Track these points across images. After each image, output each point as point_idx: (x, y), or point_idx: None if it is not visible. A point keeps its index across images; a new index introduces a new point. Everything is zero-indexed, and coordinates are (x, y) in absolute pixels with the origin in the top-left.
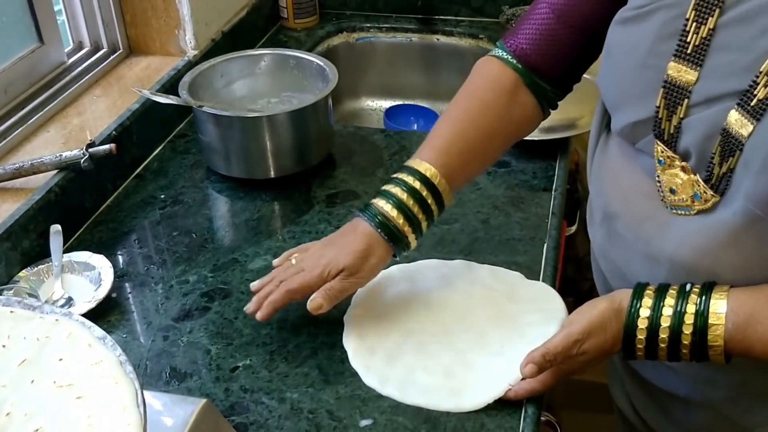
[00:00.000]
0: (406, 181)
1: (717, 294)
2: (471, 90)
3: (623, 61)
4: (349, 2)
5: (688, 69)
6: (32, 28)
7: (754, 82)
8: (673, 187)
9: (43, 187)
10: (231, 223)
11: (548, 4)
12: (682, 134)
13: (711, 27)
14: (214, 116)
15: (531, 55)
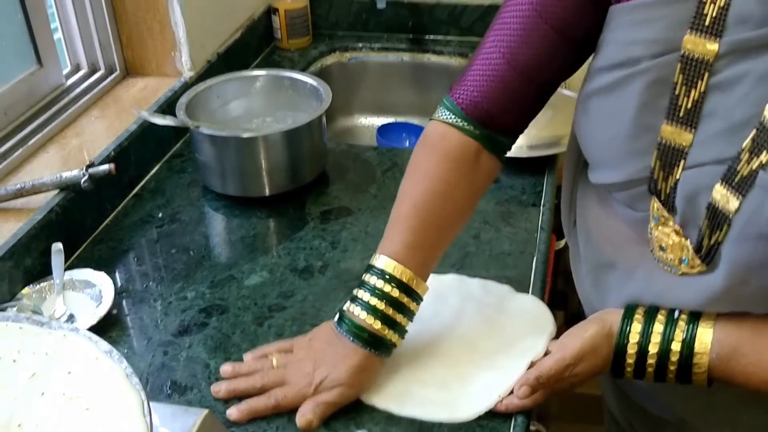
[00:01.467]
0: (378, 288)
1: (704, 323)
2: (433, 172)
3: (607, 128)
4: (341, 23)
5: (681, 131)
6: (31, 51)
7: (737, 158)
8: (663, 245)
9: (44, 207)
10: (227, 240)
11: (498, 50)
12: (677, 198)
13: (702, 90)
14: (211, 136)
15: (485, 108)
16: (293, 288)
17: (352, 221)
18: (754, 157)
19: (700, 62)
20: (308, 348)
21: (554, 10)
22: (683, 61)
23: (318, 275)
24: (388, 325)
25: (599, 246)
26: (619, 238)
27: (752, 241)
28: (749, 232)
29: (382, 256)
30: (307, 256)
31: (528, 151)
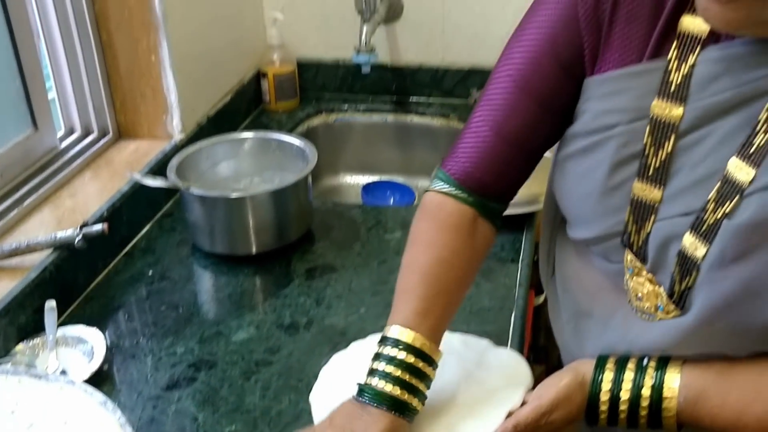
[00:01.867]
0: (393, 356)
1: (671, 369)
2: (435, 239)
3: (582, 187)
4: (328, 85)
5: (652, 188)
6: (27, 115)
7: (704, 209)
8: (639, 294)
9: (38, 266)
10: (215, 297)
11: (488, 123)
12: (649, 249)
13: (669, 151)
14: (200, 197)
15: (478, 178)
16: (279, 344)
17: (337, 278)
18: (719, 207)
19: (667, 125)
20: (332, 426)
21: (535, 84)
22: (652, 125)
23: (303, 331)
24: (408, 390)
25: (577, 296)
26: (595, 288)
27: (717, 284)
28: (714, 275)
29: (394, 326)
30: (292, 313)
31: (507, 209)
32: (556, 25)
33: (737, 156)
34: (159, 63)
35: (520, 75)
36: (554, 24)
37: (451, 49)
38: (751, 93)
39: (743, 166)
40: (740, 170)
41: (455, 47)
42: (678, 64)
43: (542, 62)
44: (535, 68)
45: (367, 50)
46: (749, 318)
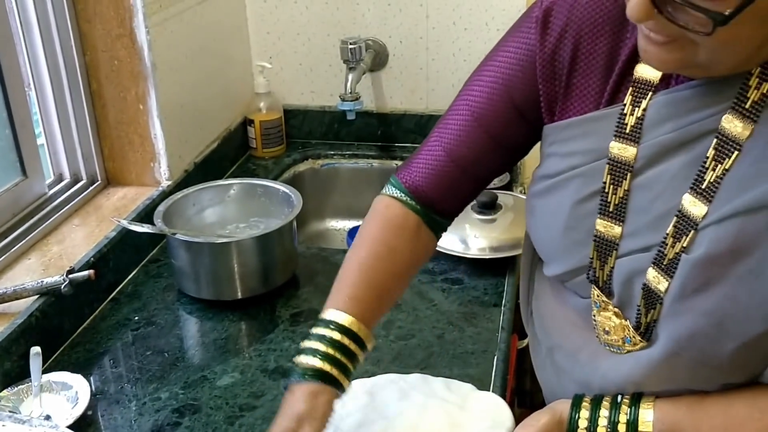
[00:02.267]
0: (326, 335)
1: (644, 404)
2: (378, 235)
3: (549, 224)
4: (314, 132)
5: (613, 225)
6: (17, 163)
7: (663, 244)
8: (606, 328)
9: (24, 312)
10: (200, 342)
11: (443, 146)
12: (614, 284)
13: (626, 188)
14: (186, 243)
15: (426, 192)
16: (264, 388)
17: None
18: (677, 242)
19: (624, 164)
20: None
21: (489, 119)
22: (610, 164)
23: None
24: (334, 364)
25: (551, 332)
26: (566, 323)
27: (681, 316)
28: (677, 308)
29: (328, 310)
30: (277, 358)
31: (490, 253)
32: (514, 68)
33: (690, 192)
34: (147, 111)
35: (477, 107)
36: (512, 67)
37: (435, 96)
38: (698, 132)
39: (696, 201)
40: (694, 205)
41: (439, 94)
42: (632, 109)
43: (497, 101)
44: (490, 104)
45: (353, 98)
46: (713, 348)
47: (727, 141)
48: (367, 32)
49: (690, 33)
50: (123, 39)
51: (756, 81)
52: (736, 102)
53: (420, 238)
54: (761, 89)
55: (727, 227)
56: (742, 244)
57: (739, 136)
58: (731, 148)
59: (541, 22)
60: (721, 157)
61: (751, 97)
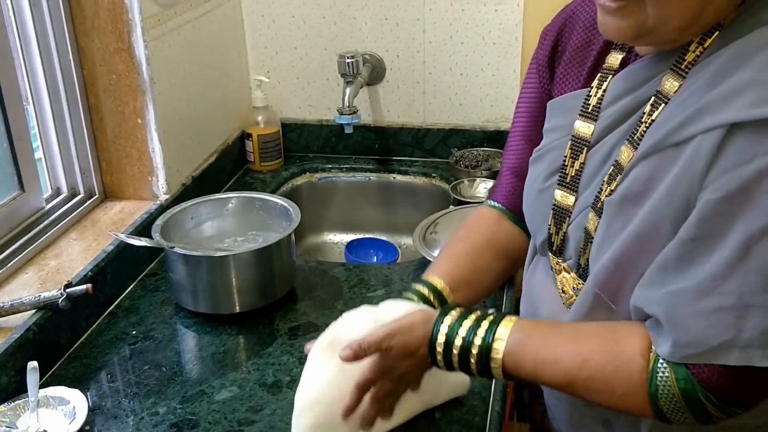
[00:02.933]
0: (421, 291)
1: (505, 322)
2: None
3: (528, 193)
4: (311, 146)
5: (568, 194)
6: (14, 177)
7: (600, 189)
8: (564, 288)
9: (21, 326)
10: (198, 356)
11: (509, 169)
12: (567, 243)
13: (582, 161)
14: (184, 256)
15: (509, 207)
16: (262, 402)
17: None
18: (608, 186)
19: (582, 140)
20: None
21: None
22: (572, 140)
23: (286, 390)
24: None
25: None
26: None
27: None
28: (601, 248)
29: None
30: (275, 372)
31: None
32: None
33: (625, 143)
34: (145, 125)
35: (522, 128)
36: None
37: (432, 109)
38: (644, 96)
39: (627, 150)
40: (624, 153)
41: (436, 108)
42: (596, 91)
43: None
44: (531, 122)
45: (350, 111)
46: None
47: (661, 97)
48: (365, 46)
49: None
50: (121, 53)
51: (695, 46)
52: (675, 63)
53: (501, 225)
54: (695, 51)
55: (641, 168)
56: (650, 182)
57: (669, 90)
58: (661, 102)
59: (540, 40)
60: (653, 110)
61: (687, 59)
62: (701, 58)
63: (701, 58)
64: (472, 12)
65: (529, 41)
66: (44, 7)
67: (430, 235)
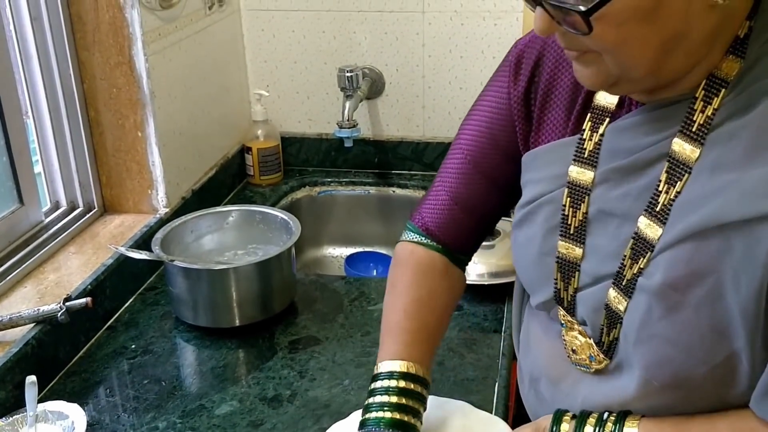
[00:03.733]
0: (391, 386)
1: (630, 422)
2: (413, 281)
3: (525, 255)
4: (311, 160)
5: (573, 246)
6: (13, 191)
7: (622, 265)
8: (574, 347)
9: (20, 340)
10: (198, 370)
11: (447, 191)
12: (578, 305)
13: (584, 211)
14: (184, 269)
15: (438, 234)
16: (263, 417)
17: (320, 350)
18: (634, 264)
19: (581, 187)
20: None
21: (480, 162)
22: (570, 187)
23: (287, 404)
24: (404, 411)
25: (535, 361)
26: (550, 353)
27: (647, 344)
28: (643, 336)
29: (384, 362)
30: (276, 386)
31: (489, 279)
32: (494, 114)
33: (645, 215)
34: (145, 139)
35: (469, 151)
36: (492, 113)
37: (431, 123)
38: (652, 156)
39: (651, 224)
40: (649, 228)
41: (435, 122)
42: (591, 134)
43: (485, 144)
44: (479, 148)
45: (350, 125)
46: (685, 373)
47: (677, 164)
48: (364, 60)
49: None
50: (122, 67)
51: (701, 105)
52: (684, 125)
53: (450, 275)
54: (706, 112)
55: (680, 252)
56: (696, 268)
57: (688, 158)
58: (682, 171)
59: (514, 66)
60: (673, 179)
61: (696, 120)
62: (716, 121)
63: (716, 120)
64: (471, 26)
65: None
66: (45, 21)
67: None
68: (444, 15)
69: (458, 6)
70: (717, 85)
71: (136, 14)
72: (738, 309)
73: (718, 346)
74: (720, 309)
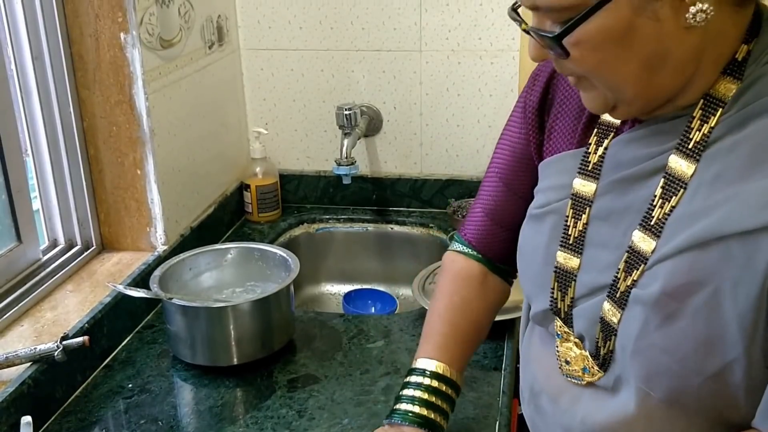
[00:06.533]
0: (422, 383)
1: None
2: (451, 288)
3: (529, 261)
4: (309, 197)
5: (571, 256)
6: (11, 229)
7: (616, 278)
8: (567, 358)
9: (16, 380)
10: (195, 410)
11: (482, 209)
12: (575, 318)
13: (585, 222)
14: (182, 307)
15: (481, 249)
16: None
17: (319, 389)
18: (628, 276)
19: (584, 199)
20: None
21: (510, 178)
22: (573, 199)
23: None
24: (432, 409)
25: (535, 375)
26: (549, 367)
27: (643, 352)
28: (639, 346)
29: (420, 359)
30: (274, 425)
31: None
32: (517, 131)
33: (639, 228)
34: (144, 177)
35: (500, 169)
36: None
37: (429, 160)
38: (649, 170)
39: (645, 237)
40: (643, 241)
41: (433, 159)
42: (596, 148)
43: (510, 161)
44: (507, 165)
45: (348, 162)
46: (681, 385)
47: (673, 179)
48: (362, 98)
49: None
50: (122, 105)
51: (698, 123)
52: (680, 142)
53: (488, 283)
54: (702, 130)
55: (680, 262)
56: (695, 278)
57: (683, 174)
58: (677, 186)
59: (532, 78)
60: (668, 194)
61: (693, 138)
62: (714, 136)
63: (714, 135)
64: (468, 65)
65: None
66: (46, 59)
67: (429, 285)
68: (441, 54)
69: (455, 45)
70: (714, 104)
71: (137, 53)
72: (735, 319)
73: (711, 356)
74: (716, 318)
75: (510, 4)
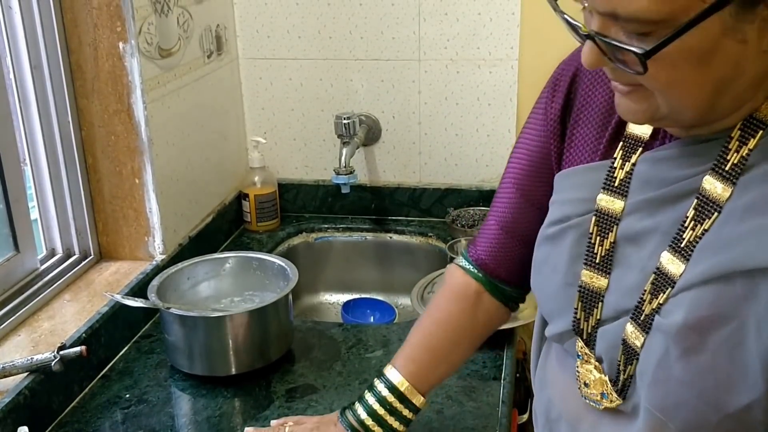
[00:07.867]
0: (378, 391)
1: None
2: (439, 301)
3: (549, 279)
4: (308, 206)
5: (598, 276)
6: (9, 238)
7: (641, 300)
8: (587, 381)
9: (13, 390)
10: (193, 420)
11: (497, 221)
12: (597, 340)
13: (612, 240)
14: (180, 317)
15: (490, 265)
16: None
17: (317, 399)
18: (654, 299)
19: (610, 216)
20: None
21: (528, 188)
22: (597, 216)
23: None
24: (381, 425)
25: (551, 398)
26: (568, 392)
27: (663, 386)
28: (659, 377)
29: (388, 366)
30: None
31: None
32: (533, 139)
33: (668, 250)
34: (142, 186)
35: (516, 179)
36: (532, 138)
37: (428, 169)
38: (682, 191)
39: (674, 259)
40: (671, 263)
41: (431, 168)
42: (622, 163)
43: (528, 170)
44: (524, 175)
45: (347, 172)
46: (698, 419)
47: (707, 202)
48: (361, 108)
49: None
50: (120, 114)
51: (736, 144)
52: (717, 164)
53: (481, 304)
54: (740, 152)
55: (704, 293)
56: (719, 311)
57: (719, 197)
58: (711, 209)
59: (552, 84)
60: (701, 217)
61: (730, 160)
62: (751, 161)
63: (751, 160)
64: (467, 74)
65: (524, 102)
66: (45, 69)
67: (428, 295)
68: (440, 63)
69: (454, 54)
70: (754, 125)
71: (136, 63)
72: (759, 357)
73: (731, 394)
74: (739, 356)
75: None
